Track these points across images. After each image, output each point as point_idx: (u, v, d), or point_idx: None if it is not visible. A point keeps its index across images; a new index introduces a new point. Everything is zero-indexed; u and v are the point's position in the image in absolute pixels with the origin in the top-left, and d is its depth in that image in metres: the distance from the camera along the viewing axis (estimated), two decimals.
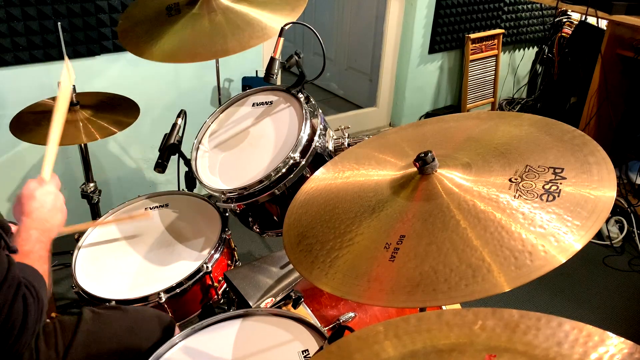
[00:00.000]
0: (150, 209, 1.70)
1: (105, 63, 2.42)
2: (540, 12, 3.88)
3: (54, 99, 1.89)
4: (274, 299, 1.32)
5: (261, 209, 1.55)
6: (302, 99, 1.56)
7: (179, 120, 1.70)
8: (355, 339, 0.66)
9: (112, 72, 2.44)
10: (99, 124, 1.79)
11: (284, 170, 1.44)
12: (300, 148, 1.45)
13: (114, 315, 1.23)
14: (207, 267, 1.49)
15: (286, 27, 1.59)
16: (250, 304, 1.31)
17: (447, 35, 3.53)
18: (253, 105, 1.68)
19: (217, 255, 1.53)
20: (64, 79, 1.36)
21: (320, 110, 1.58)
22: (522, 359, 0.57)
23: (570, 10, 3.33)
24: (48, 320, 1.19)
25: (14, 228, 1.17)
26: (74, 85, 1.83)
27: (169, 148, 1.65)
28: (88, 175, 1.98)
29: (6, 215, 2.36)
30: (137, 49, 1.72)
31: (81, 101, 1.84)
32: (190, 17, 1.74)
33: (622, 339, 0.56)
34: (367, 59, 3.78)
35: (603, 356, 0.55)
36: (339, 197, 1.05)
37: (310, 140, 1.48)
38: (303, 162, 1.45)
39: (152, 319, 1.25)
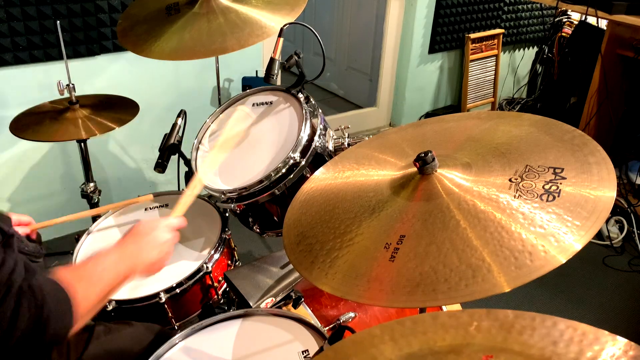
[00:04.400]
0: (150, 209, 1.70)
1: (105, 63, 2.42)
2: (540, 12, 3.88)
3: (53, 100, 1.89)
4: (274, 299, 1.32)
5: (261, 209, 1.55)
6: (302, 99, 1.56)
7: (179, 120, 1.70)
8: (351, 342, 0.66)
9: (112, 72, 2.44)
10: (98, 120, 1.79)
11: (284, 170, 1.44)
12: (300, 148, 1.45)
13: (124, 330, 1.26)
14: (207, 267, 1.48)
15: (285, 27, 1.59)
16: (250, 304, 1.31)
17: (447, 35, 3.53)
18: (253, 105, 1.68)
19: (217, 255, 1.53)
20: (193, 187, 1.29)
21: (320, 110, 1.58)
22: (518, 358, 0.57)
23: (570, 10, 3.34)
24: None
25: (13, 217, 1.17)
26: (73, 84, 1.83)
27: (169, 148, 1.65)
28: (88, 175, 1.98)
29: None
30: (137, 48, 1.72)
31: (80, 101, 1.84)
32: (189, 16, 1.75)
33: (616, 336, 0.56)
34: (367, 59, 3.77)
35: (598, 354, 0.55)
36: (339, 197, 1.05)
37: (310, 140, 1.48)
38: (303, 162, 1.45)
39: (160, 336, 1.26)
